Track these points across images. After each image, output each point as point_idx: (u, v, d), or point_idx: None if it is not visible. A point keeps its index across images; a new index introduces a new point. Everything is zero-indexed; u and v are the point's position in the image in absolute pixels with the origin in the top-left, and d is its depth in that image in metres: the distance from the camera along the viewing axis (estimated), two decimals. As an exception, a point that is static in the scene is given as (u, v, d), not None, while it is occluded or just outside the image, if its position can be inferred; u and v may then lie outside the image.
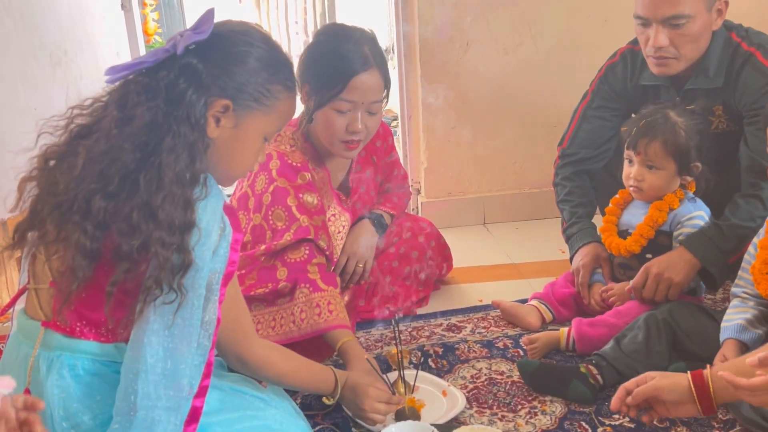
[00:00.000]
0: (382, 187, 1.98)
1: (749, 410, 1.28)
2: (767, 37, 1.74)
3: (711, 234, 1.59)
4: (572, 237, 1.87)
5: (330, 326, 1.50)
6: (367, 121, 1.63)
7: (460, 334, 1.78)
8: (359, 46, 1.59)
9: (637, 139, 1.62)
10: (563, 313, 1.79)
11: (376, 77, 1.61)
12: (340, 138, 1.62)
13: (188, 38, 1.02)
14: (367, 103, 1.61)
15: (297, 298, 1.52)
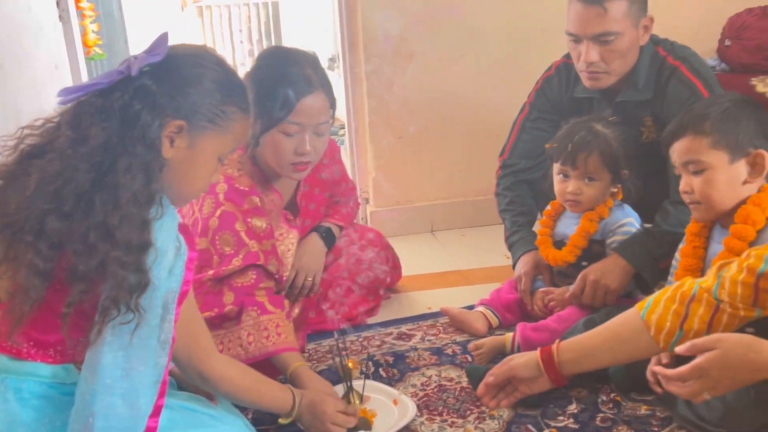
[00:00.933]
0: (330, 200, 2.01)
1: (684, 408, 1.36)
2: (691, 51, 1.85)
3: (643, 240, 1.68)
4: (514, 245, 1.94)
5: (278, 349, 1.49)
6: (315, 142, 1.65)
7: (410, 342, 1.82)
8: (303, 68, 1.61)
9: (576, 153, 1.69)
10: (508, 318, 1.85)
11: (321, 99, 1.63)
12: (288, 161, 1.64)
13: (143, 60, 1.04)
14: (314, 125, 1.63)
15: (244, 321, 1.52)
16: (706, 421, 1.30)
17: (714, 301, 1.19)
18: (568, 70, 1.96)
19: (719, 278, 1.20)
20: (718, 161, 1.39)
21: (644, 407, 1.46)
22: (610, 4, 1.70)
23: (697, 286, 1.22)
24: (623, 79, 1.82)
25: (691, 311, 1.20)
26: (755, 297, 1.15)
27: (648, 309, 1.25)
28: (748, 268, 1.16)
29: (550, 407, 1.48)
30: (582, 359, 1.37)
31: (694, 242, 1.48)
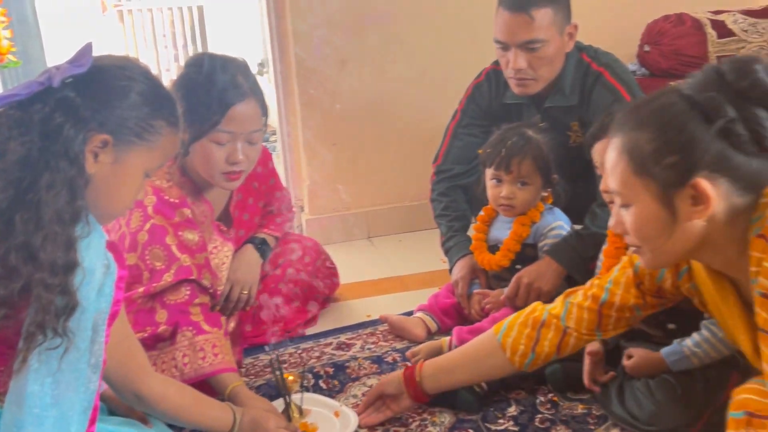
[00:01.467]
0: (264, 210, 1.98)
1: (618, 407, 1.40)
2: (614, 57, 1.92)
3: (573, 243, 1.72)
4: (450, 250, 1.96)
5: (216, 370, 1.45)
6: (247, 151, 1.61)
7: (350, 352, 1.81)
8: (233, 76, 1.57)
9: (509, 158, 1.72)
10: (447, 322, 1.87)
11: (253, 106, 1.60)
12: (220, 170, 1.60)
13: (65, 71, 0.99)
14: (246, 133, 1.59)
15: (179, 342, 1.47)
16: (639, 420, 1.34)
17: (562, 327, 1.31)
18: (497, 77, 1.99)
19: (567, 305, 1.31)
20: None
21: (581, 406, 1.50)
22: (536, 12, 1.74)
23: (547, 312, 1.33)
24: (550, 85, 1.87)
25: (542, 336, 1.31)
26: (599, 322, 1.28)
27: (504, 333, 1.34)
28: (593, 296, 1.28)
29: (490, 411, 1.50)
30: (441, 377, 1.43)
31: (616, 243, 1.53)
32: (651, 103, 1.01)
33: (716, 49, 2.41)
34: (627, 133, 1.02)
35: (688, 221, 0.99)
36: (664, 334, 1.43)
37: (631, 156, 1.01)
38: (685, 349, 1.36)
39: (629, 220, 1.04)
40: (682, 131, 0.96)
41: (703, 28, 2.42)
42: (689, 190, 0.97)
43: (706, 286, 1.14)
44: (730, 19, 2.46)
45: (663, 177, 0.98)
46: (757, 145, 0.95)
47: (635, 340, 1.48)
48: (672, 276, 1.21)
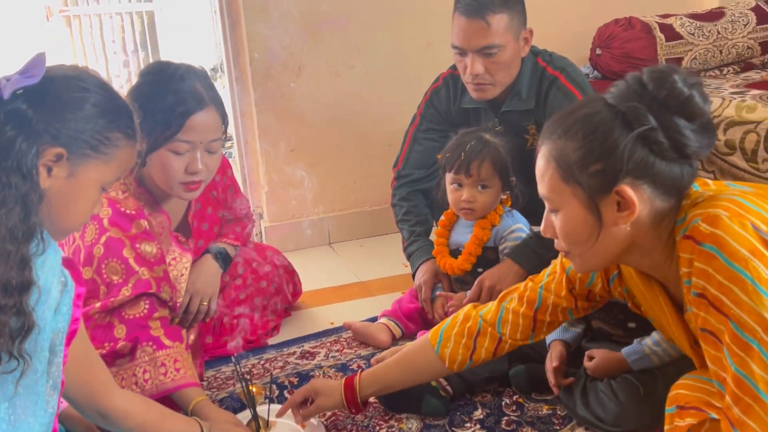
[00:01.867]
0: (223, 219, 1.95)
1: (582, 409, 1.42)
2: (568, 61, 1.95)
3: (533, 245, 1.75)
4: (412, 255, 1.96)
5: (178, 386, 1.42)
6: (207, 160, 1.58)
7: (315, 361, 1.80)
8: (192, 84, 1.54)
9: (469, 162, 1.73)
10: (411, 327, 1.87)
11: (213, 115, 1.57)
12: (179, 180, 1.57)
13: (16, 83, 0.95)
14: (205, 143, 1.56)
15: (139, 358, 1.43)
16: (603, 422, 1.36)
17: (497, 335, 1.33)
18: (455, 82, 2.01)
19: (502, 310, 1.34)
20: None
21: (546, 407, 1.52)
22: (492, 18, 1.76)
23: (482, 320, 1.35)
24: (507, 89, 1.89)
25: (478, 344, 1.34)
26: (533, 327, 1.32)
27: (441, 344, 1.36)
28: (528, 301, 1.31)
29: (457, 415, 1.51)
30: (378, 386, 1.42)
31: None
32: (576, 112, 1.04)
33: (665, 52, 2.47)
34: (554, 141, 1.04)
35: (614, 226, 1.02)
36: (625, 334, 1.46)
37: (558, 163, 1.03)
38: (645, 348, 1.39)
39: (558, 225, 1.07)
40: (606, 139, 0.99)
41: (652, 31, 2.49)
42: (614, 197, 1.00)
43: (638, 289, 1.17)
44: (677, 22, 2.53)
45: (589, 184, 1.01)
46: (677, 152, 0.98)
47: (597, 341, 1.51)
48: (602, 281, 1.25)
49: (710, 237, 0.93)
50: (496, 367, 1.57)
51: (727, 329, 0.91)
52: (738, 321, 0.90)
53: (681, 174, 1.00)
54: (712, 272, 0.92)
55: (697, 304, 0.97)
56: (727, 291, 0.91)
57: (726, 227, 0.92)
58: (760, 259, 0.89)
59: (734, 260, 0.90)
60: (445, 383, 1.53)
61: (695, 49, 2.50)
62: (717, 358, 0.95)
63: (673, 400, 1.10)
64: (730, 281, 0.90)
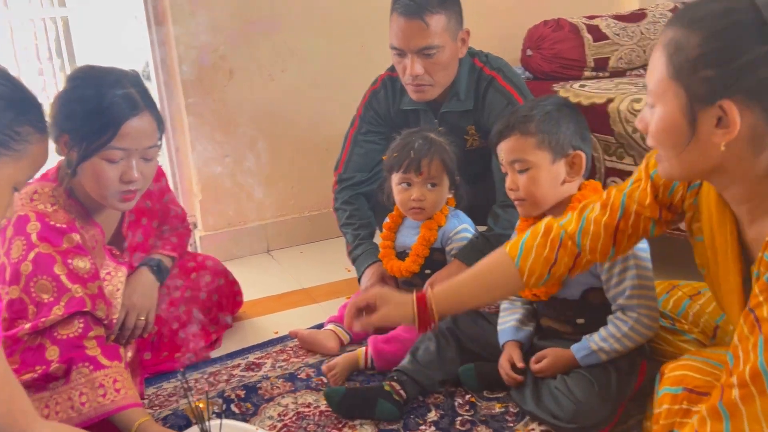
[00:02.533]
0: (159, 229, 1.87)
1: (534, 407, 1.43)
2: (504, 62, 1.97)
3: (480, 245, 1.75)
4: (357, 259, 1.94)
5: (119, 407, 1.34)
6: (142, 168, 1.50)
7: (261, 372, 1.74)
8: (125, 88, 1.46)
9: (419, 160, 1.73)
10: (359, 333, 1.84)
11: (148, 120, 1.50)
12: (114, 190, 1.48)
13: None
14: (141, 150, 1.48)
15: (75, 380, 1.34)
16: (559, 418, 1.37)
17: (576, 249, 1.28)
18: (393, 83, 2.00)
19: (583, 221, 1.28)
20: (541, 160, 1.46)
21: (498, 405, 1.52)
22: (430, 18, 1.76)
23: (564, 231, 1.29)
24: (446, 90, 1.89)
25: (559, 257, 1.29)
26: (614, 241, 1.25)
27: (521, 257, 1.30)
28: (611, 209, 1.24)
29: (411, 418, 1.49)
30: (453, 301, 1.36)
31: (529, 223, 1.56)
32: (713, 3, 0.91)
33: (593, 52, 2.54)
34: (678, 29, 0.92)
35: (707, 141, 0.93)
36: (573, 330, 1.48)
37: (671, 56, 0.92)
38: (592, 344, 1.41)
39: (653, 120, 0.98)
40: (734, 46, 0.86)
41: (580, 32, 2.55)
42: (716, 110, 0.90)
43: (708, 212, 1.09)
44: (603, 23, 2.60)
45: (694, 89, 0.90)
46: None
47: (548, 339, 1.52)
48: (683, 189, 1.16)
49: None
50: (448, 368, 1.58)
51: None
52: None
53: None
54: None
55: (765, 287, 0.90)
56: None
57: None
58: None
59: None
60: (398, 387, 1.51)
61: (621, 50, 2.58)
62: (746, 338, 0.91)
63: (678, 380, 1.06)
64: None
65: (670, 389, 1.06)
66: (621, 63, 2.59)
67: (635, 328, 1.38)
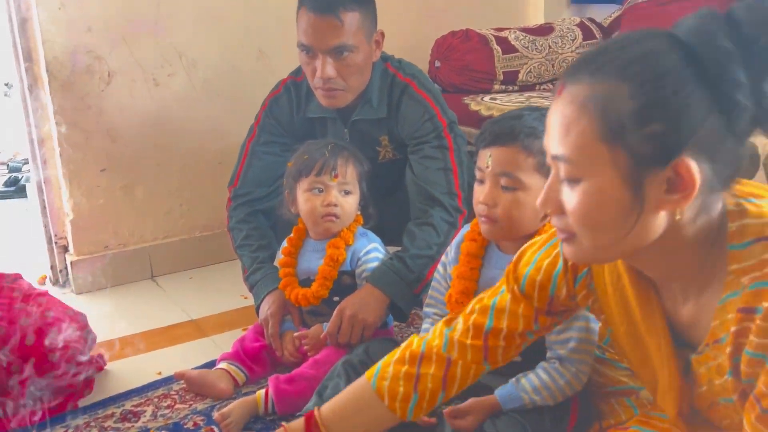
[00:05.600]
0: None
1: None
2: (418, 68, 1.83)
3: (395, 268, 1.57)
4: (256, 285, 1.70)
5: None
6: None
7: (139, 422, 1.47)
8: None
9: (335, 160, 1.56)
10: (257, 371, 1.60)
11: None
12: None
13: None
14: None
15: None
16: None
17: (444, 356, 1.08)
18: (297, 88, 1.80)
19: (446, 338, 1.09)
20: (535, 185, 1.25)
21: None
22: (344, 15, 1.58)
23: (426, 344, 1.10)
24: (357, 97, 1.72)
25: (423, 371, 1.08)
26: (485, 354, 1.07)
27: (378, 376, 1.09)
28: (474, 326, 1.06)
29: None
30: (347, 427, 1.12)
31: (471, 263, 1.37)
32: (631, 47, 0.75)
33: (502, 65, 2.46)
34: (599, 82, 0.74)
35: (653, 212, 0.76)
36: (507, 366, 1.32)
37: (600, 113, 0.74)
38: (524, 395, 1.25)
39: (575, 200, 0.78)
40: (676, 93, 0.71)
41: (489, 43, 2.46)
42: (667, 172, 0.73)
43: (619, 294, 0.93)
44: (511, 36, 2.53)
45: (639, 150, 0.73)
46: (757, 125, 0.74)
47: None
48: (567, 283, 0.99)
49: None
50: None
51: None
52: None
53: (742, 157, 0.76)
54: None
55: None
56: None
57: None
58: None
59: None
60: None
61: (530, 63, 2.51)
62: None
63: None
64: None
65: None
66: (530, 77, 2.53)
67: (571, 384, 1.24)
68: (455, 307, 1.37)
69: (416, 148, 1.72)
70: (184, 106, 2.30)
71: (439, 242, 1.60)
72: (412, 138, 1.73)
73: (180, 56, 2.28)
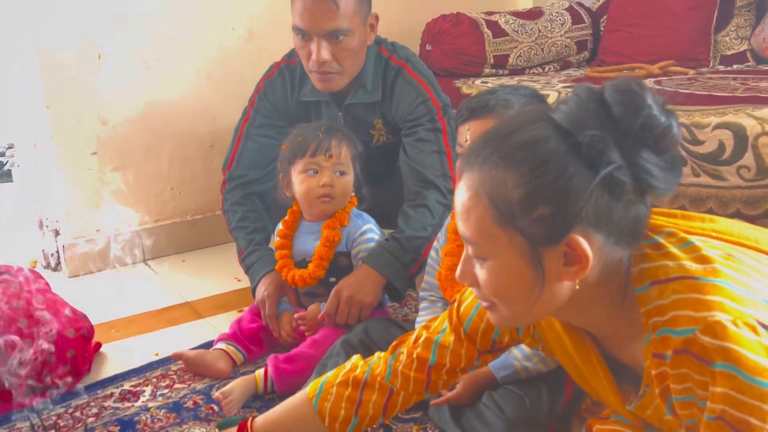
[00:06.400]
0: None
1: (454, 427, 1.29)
2: (411, 51, 1.83)
3: (391, 249, 1.59)
4: (252, 266, 1.72)
5: None
6: None
7: (139, 402, 1.48)
8: None
9: (329, 142, 1.57)
10: (255, 351, 1.63)
11: None
12: None
13: None
14: None
15: None
16: (488, 438, 1.24)
17: (387, 386, 1.11)
18: (291, 72, 1.80)
19: (390, 367, 1.11)
20: None
21: (415, 427, 1.37)
22: None
23: (369, 371, 1.12)
24: (352, 80, 1.72)
25: (365, 397, 1.10)
26: (426, 386, 1.10)
27: (320, 396, 1.12)
28: (418, 359, 1.09)
29: (320, 448, 1.30)
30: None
31: (458, 241, 1.41)
32: (516, 135, 0.80)
33: (492, 48, 2.47)
34: (488, 171, 0.80)
35: (557, 282, 0.81)
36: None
37: (492, 201, 0.79)
38: (516, 363, 1.29)
39: (484, 276, 0.84)
40: (558, 178, 0.76)
41: (480, 27, 2.47)
42: (562, 248, 0.79)
43: (557, 341, 0.99)
44: (501, 19, 2.55)
45: (532, 232, 0.78)
46: (640, 193, 0.79)
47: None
48: (510, 332, 1.04)
49: (720, 353, 0.74)
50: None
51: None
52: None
53: (638, 217, 0.80)
54: (734, 395, 0.73)
55: (714, 427, 0.75)
56: (753, 410, 0.73)
57: (735, 337, 0.73)
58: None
59: (756, 375, 0.72)
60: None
61: (520, 47, 2.53)
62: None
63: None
64: (756, 399, 0.72)
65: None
66: (520, 60, 2.55)
67: None
68: (445, 284, 1.41)
69: (410, 131, 1.73)
70: (174, 89, 2.30)
71: (434, 223, 1.62)
72: (405, 121, 1.74)
73: (170, 39, 2.27)
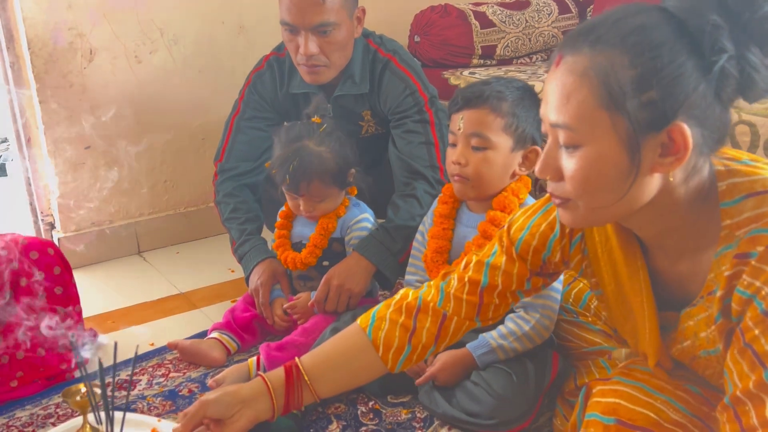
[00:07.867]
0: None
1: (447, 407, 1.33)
2: (399, 44, 1.86)
3: (381, 238, 1.63)
4: (245, 256, 1.75)
5: None
6: None
7: (135, 390, 1.52)
8: None
9: (297, 182, 1.56)
10: (248, 339, 1.66)
11: None
12: None
13: None
14: None
15: None
16: (476, 415, 1.28)
17: (440, 311, 1.11)
18: (280, 65, 1.83)
19: (442, 293, 1.13)
20: (503, 145, 1.37)
21: (404, 411, 1.41)
22: None
23: (422, 297, 1.13)
24: (340, 73, 1.75)
25: (419, 324, 1.11)
26: (478, 310, 1.11)
27: (373, 325, 1.11)
28: (470, 282, 1.10)
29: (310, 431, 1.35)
30: (330, 376, 1.14)
31: (444, 224, 1.46)
32: (626, 20, 0.79)
33: (480, 39, 2.50)
34: (600, 51, 0.78)
35: (648, 174, 0.80)
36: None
37: (601, 82, 0.77)
38: (492, 341, 1.33)
39: (575, 165, 0.81)
40: (671, 62, 0.76)
41: (468, 18, 2.50)
42: (662, 137, 0.78)
43: (607, 255, 0.98)
44: (489, 10, 2.57)
45: (638, 116, 0.77)
46: (741, 92, 0.79)
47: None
48: (562, 248, 1.03)
49: None
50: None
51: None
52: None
53: (727, 124, 0.81)
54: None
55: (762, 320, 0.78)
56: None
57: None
58: None
59: None
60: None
61: (507, 37, 2.56)
62: (747, 377, 0.80)
63: (611, 410, 0.94)
64: None
65: (601, 417, 0.94)
66: (507, 51, 2.57)
67: (536, 328, 1.33)
68: (431, 266, 1.45)
69: (398, 123, 1.76)
70: (166, 83, 2.32)
71: (422, 213, 1.66)
72: (394, 113, 1.77)
73: (161, 33, 2.29)
